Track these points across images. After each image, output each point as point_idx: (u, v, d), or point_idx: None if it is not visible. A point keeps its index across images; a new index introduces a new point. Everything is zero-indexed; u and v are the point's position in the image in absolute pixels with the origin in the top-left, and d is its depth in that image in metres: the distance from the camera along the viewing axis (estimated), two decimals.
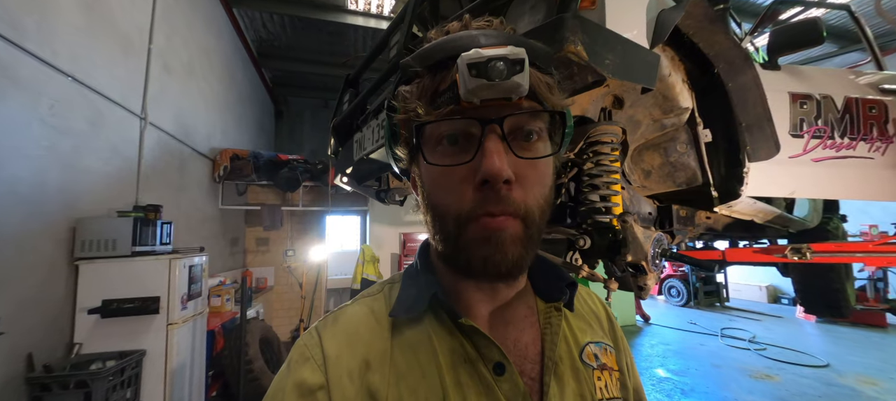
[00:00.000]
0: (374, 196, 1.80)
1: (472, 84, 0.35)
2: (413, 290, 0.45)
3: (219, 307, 3.60)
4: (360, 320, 0.43)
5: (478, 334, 0.40)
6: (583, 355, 0.46)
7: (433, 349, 0.40)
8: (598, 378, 0.45)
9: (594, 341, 0.48)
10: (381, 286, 0.48)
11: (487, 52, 0.35)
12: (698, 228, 2.12)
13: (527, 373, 0.41)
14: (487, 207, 0.37)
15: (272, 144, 7.13)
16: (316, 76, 6.59)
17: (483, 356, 0.40)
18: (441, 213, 0.39)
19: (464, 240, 0.38)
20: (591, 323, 0.51)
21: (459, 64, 0.35)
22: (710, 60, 1.30)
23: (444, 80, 0.39)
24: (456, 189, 0.38)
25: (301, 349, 0.41)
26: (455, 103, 0.37)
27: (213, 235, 4.19)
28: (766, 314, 7.06)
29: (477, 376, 0.39)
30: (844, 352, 4.80)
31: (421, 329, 0.42)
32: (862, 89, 1.74)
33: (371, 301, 0.46)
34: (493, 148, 0.36)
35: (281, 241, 5.58)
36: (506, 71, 0.35)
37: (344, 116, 1.51)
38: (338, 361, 0.39)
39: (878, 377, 3.96)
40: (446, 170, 0.38)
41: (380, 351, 0.41)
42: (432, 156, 0.39)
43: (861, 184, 1.61)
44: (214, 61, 4.30)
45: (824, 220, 2.73)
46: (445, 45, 0.39)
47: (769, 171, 1.54)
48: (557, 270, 0.48)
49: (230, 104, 4.84)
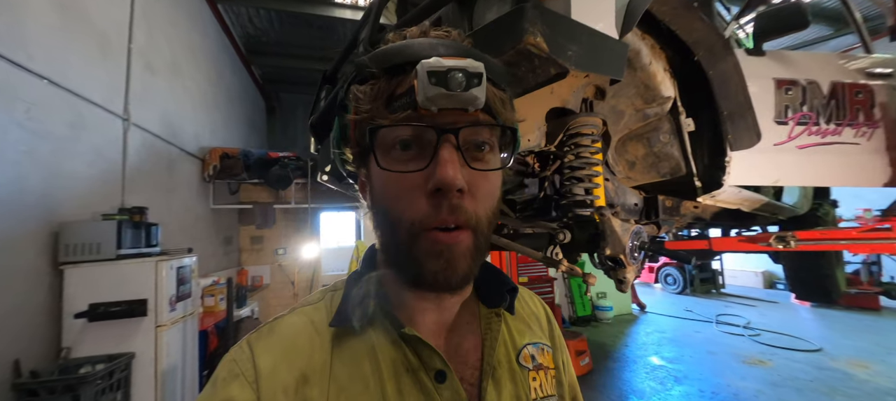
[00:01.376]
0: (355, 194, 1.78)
1: (431, 92, 0.35)
2: (356, 299, 0.43)
3: (213, 307, 3.59)
4: (297, 331, 0.42)
5: (420, 343, 0.40)
6: (520, 358, 0.47)
7: (376, 360, 0.40)
8: (533, 379, 0.47)
9: (532, 342, 0.50)
10: (322, 294, 0.47)
11: (448, 62, 0.35)
12: (686, 218, 2.12)
13: (467, 378, 0.42)
14: (440, 216, 0.37)
15: (265, 142, 7.08)
16: (307, 72, 6.52)
17: (425, 365, 0.40)
18: (392, 220, 0.39)
19: (415, 252, 0.38)
20: (531, 325, 0.53)
21: (419, 70, 0.35)
22: (690, 47, 1.27)
23: (401, 84, 0.38)
24: (408, 196, 0.38)
25: (229, 365, 0.39)
26: (412, 109, 0.37)
27: (205, 234, 4.18)
28: (762, 300, 7.10)
29: (419, 384, 0.40)
30: (838, 336, 4.84)
31: (363, 339, 0.41)
32: (848, 74, 1.72)
33: (311, 311, 0.44)
34: (448, 157, 0.36)
35: (275, 239, 5.57)
36: (465, 82, 0.35)
37: (320, 113, 1.49)
38: (272, 376, 0.38)
39: (870, 360, 3.99)
40: (398, 176, 0.38)
41: (319, 363, 0.39)
42: (385, 160, 0.39)
43: (847, 170, 1.59)
44: (200, 59, 4.24)
45: (815, 206, 2.73)
46: (405, 49, 0.39)
47: (754, 159, 1.53)
48: (500, 276, 0.49)
49: (219, 102, 4.79)
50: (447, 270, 0.37)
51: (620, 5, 0.89)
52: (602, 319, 5.91)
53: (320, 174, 1.66)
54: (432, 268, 0.37)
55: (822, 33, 6.15)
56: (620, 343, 4.96)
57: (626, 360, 4.34)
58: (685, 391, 3.48)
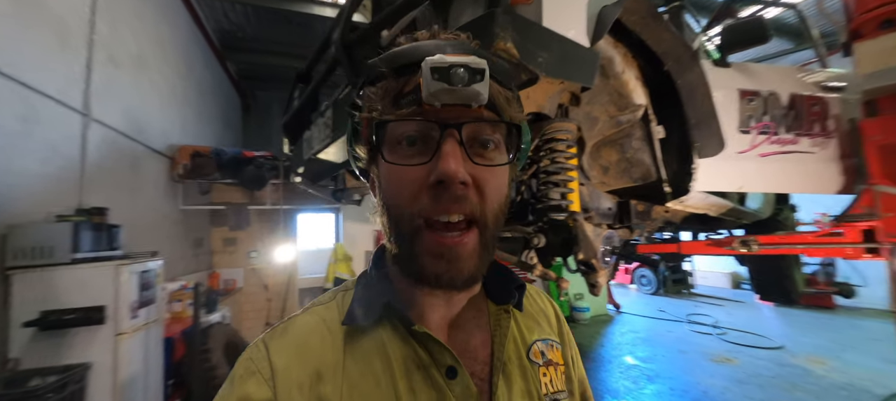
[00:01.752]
0: (331, 196, 1.74)
1: (434, 87, 0.36)
2: (366, 297, 0.45)
3: (180, 313, 3.42)
4: (310, 330, 0.43)
5: (431, 339, 0.41)
6: (530, 354, 0.48)
7: (387, 357, 0.41)
8: (543, 374, 0.47)
9: (541, 339, 0.50)
10: (334, 294, 0.48)
11: (451, 59, 0.36)
12: (657, 222, 2.18)
13: (477, 374, 0.43)
14: (441, 206, 0.38)
15: (240, 140, 6.86)
16: (285, 69, 6.34)
17: (436, 361, 0.41)
18: (396, 214, 0.40)
19: (416, 249, 0.39)
20: (540, 321, 0.53)
21: (423, 67, 0.37)
22: (660, 57, 1.31)
23: (407, 83, 0.40)
24: (411, 189, 0.39)
25: (246, 363, 0.40)
26: (417, 105, 0.38)
27: (174, 236, 3.99)
28: (729, 300, 7.44)
29: (430, 380, 0.41)
30: (797, 333, 5.11)
31: (374, 337, 0.42)
32: (806, 86, 1.81)
33: (323, 310, 0.46)
34: (450, 151, 0.37)
35: (249, 241, 5.38)
36: (467, 78, 0.36)
37: (293, 114, 1.45)
38: (286, 373, 0.39)
39: (827, 357, 4.23)
40: (403, 170, 0.39)
41: (332, 361, 0.41)
42: (391, 155, 0.40)
43: (803, 178, 1.68)
44: (170, 53, 4.06)
45: (776, 210, 2.87)
46: (412, 50, 0.40)
47: (719, 166, 1.59)
48: (508, 273, 0.50)
49: (190, 99, 4.60)
50: (451, 272, 0.38)
51: (592, 14, 0.90)
52: (579, 319, 6.03)
53: (293, 175, 1.61)
54: (434, 269, 0.39)
55: (783, 47, 6.52)
56: (596, 343, 5.07)
57: (601, 360, 4.43)
58: (657, 390, 3.59)
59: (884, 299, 6.09)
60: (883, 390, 3.32)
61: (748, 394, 3.40)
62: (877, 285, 6.00)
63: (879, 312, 6.00)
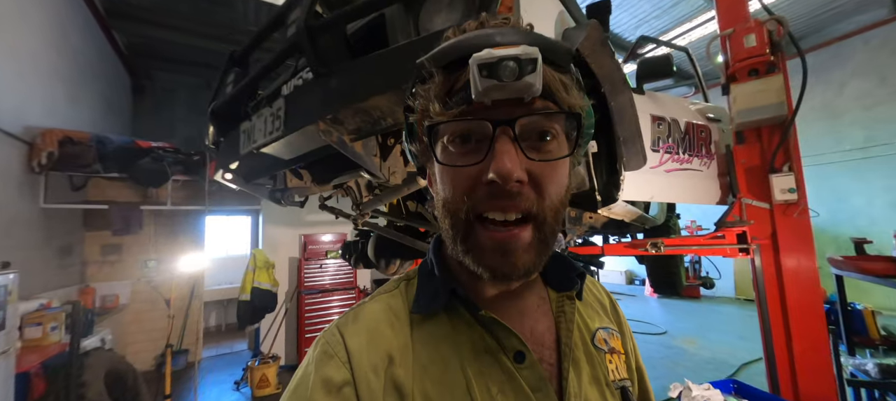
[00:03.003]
0: (268, 196, 1.55)
1: (483, 85, 0.35)
2: (430, 286, 0.45)
3: (39, 340, 2.70)
4: (379, 317, 0.44)
5: (497, 324, 0.41)
6: (595, 341, 0.48)
7: (454, 342, 0.42)
8: (609, 362, 0.48)
9: (603, 327, 0.51)
10: (397, 283, 0.48)
11: (499, 52, 0.35)
12: (584, 227, 2.42)
13: (545, 360, 0.43)
14: (497, 203, 0.37)
15: (128, 127, 5.74)
16: (193, 49, 5.50)
17: (503, 346, 0.41)
18: (452, 210, 0.40)
19: (471, 242, 0.39)
20: (598, 310, 0.54)
21: (471, 65, 0.35)
22: (599, 80, 1.46)
23: (457, 80, 0.39)
24: (465, 187, 0.38)
25: (323, 346, 0.41)
26: (467, 103, 0.37)
27: (30, 243, 3.15)
28: (626, 293, 8.62)
29: (498, 364, 0.41)
30: (675, 320, 6.16)
31: (440, 324, 0.43)
32: (695, 116, 2.21)
33: (388, 298, 0.46)
34: (503, 149, 0.37)
35: (139, 247, 4.52)
36: (517, 71, 0.35)
37: (227, 100, 1.26)
38: (361, 356, 0.40)
39: (697, 338, 5.17)
40: (458, 169, 0.39)
41: (401, 346, 0.41)
42: (444, 155, 0.40)
43: (695, 191, 2.04)
44: (32, 11, 3.23)
45: (667, 218, 3.42)
46: (460, 44, 0.39)
47: (636, 179, 1.83)
48: (567, 262, 0.50)
49: (60, 72, 3.71)
50: (506, 265, 0.38)
51: (557, 33, 0.97)
52: None
53: (223, 172, 1.40)
54: (490, 262, 0.38)
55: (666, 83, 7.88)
56: None
57: None
58: None
59: (732, 289, 7.72)
60: (737, 360, 4.19)
61: None
62: (727, 279, 7.56)
63: (729, 299, 7.56)
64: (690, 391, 1.65)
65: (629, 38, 6.13)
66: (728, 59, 2.01)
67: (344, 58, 0.90)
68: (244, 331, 5.20)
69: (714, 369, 4.04)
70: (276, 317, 4.52)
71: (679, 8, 5.44)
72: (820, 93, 6.24)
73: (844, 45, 6.10)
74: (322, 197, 1.89)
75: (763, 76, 1.87)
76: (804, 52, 1.89)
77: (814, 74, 5.10)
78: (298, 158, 1.19)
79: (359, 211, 1.63)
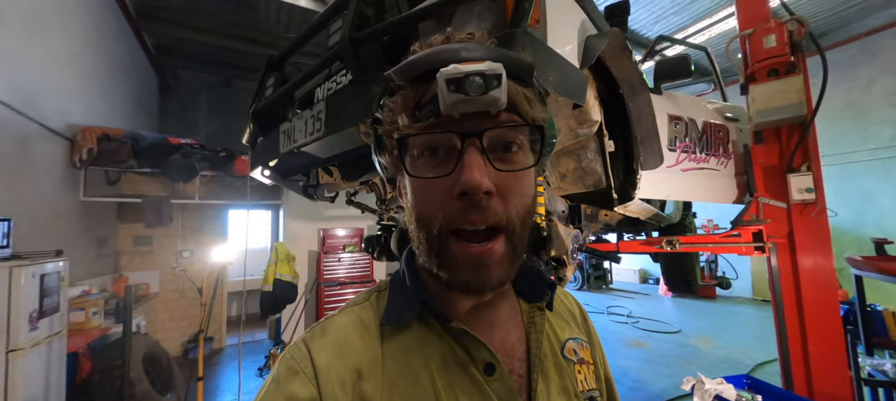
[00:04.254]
0: (301, 192, 1.66)
1: (451, 99, 0.36)
2: (401, 297, 0.45)
3: (82, 323, 2.91)
4: (349, 330, 0.43)
5: (468, 336, 0.42)
6: (564, 351, 0.49)
7: (424, 355, 0.41)
8: (578, 372, 0.48)
9: (572, 338, 0.51)
10: (368, 295, 0.48)
11: (465, 68, 0.36)
12: (599, 224, 2.47)
13: (515, 371, 0.44)
14: (468, 217, 0.37)
15: (156, 125, 5.99)
16: (217, 49, 5.70)
17: (473, 358, 0.42)
18: (424, 223, 0.40)
19: (445, 257, 0.39)
20: (569, 321, 0.54)
21: (438, 79, 0.36)
22: (618, 82, 1.51)
23: (425, 93, 0.39)
24: (437, 200, 0.39)
25: (288, 362, 0.40)
26: (436, 116, 0.38)
27: (73, 234, 3.37)
28: (639, 293, 8.56)
29: (468, 377, 0.41)
30: (690, 319, 6.11)
31: (411, 335, 0.43)
32: (713, 115, 2.22)
33: (358, 310, 0.46)
34: (472, 161, 0.37)
35: (169, 239, 4.75)
36: (483, 86, 0.36)
37: (268, 103, 1.36)
38: (328, 372, 0.39)
39: (712, 337, 5.13)
40: (427, 181, 0.39)
41: (371, 359, 0.41)
42: (414, 168, 0.40)
43: (713, 190, 2.06)
44: (73, 15, 3.42)
45: (683, 216, 3.42)
46: (427, 58, 0.39)
47: (652, 177, 1.87)
48: (538, 273, 0.51)
49: (97, 72, 3.92)
50: (480, 279, 0.39)
51: (580, 41, 1.03)
52: None
53: (261, 170, 1.50)
54: (464, 276, 0.39)
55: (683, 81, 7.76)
56: None
57: None
58: None
59: (749, 290, 7.59)
60: (752, 360, 4.16)
61: (658, 371, 3.99)
62: (744, 279, 7.44)
63: (746, 299, 7.44)
64: (703, 385, 1.69)
65: (647, 35, 6.06)
66: (747, 58, 2.02)
67: (382, 66, 0.98)
68: (265, 321, 5.40)
69: (728, 369, 4.02)
70: (297, 307, 4.69)
71: (698, 4, 5.36)
72: (845, 90, 6.06)
73: (872, 41, 5.89)
74: (349, 193, 1.99)
75: (783, 77, 1.88)
76: (829, 48, 1.90)
77: (839, 71, 4.99)
78: (334, 157, 1.28)
79: (384, 206, 1.72)
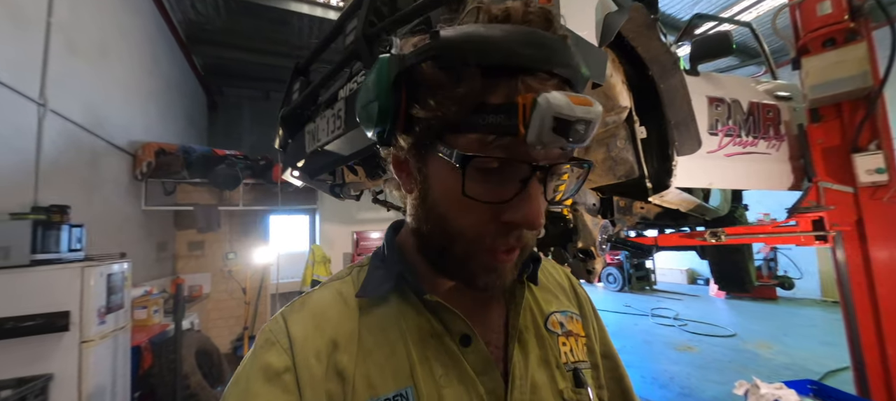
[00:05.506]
0: (328, 191, 1.72)
1: (549, 138, 0.30)
2: (380, 272, 0.44)
3: (145, 320, 3.20)
4: (327, 304, 0.43)
5: (444, 308, 0.41)
6: (548, 324, 0.47)
7: (400, 328, 0.41)
8: (563, 344, 0.47)
9: (560, 311, 0.50)
10: (350, 270, 0.48)
11: (579, 111, 0.30)
12: (634, 217, 2.34)
13: (492, 343, 0.43)
14: (508, 241, 0.37)
15: (205, 139, 6.49)
16: (256, 66, 6.10)
17: (449, 330, 0.41)
18: (452, 230, 0.37)
19: (470, 264, 0.38)
20: (557, 294, 0.52)
21: (544, 112, 0.30)
22: (646, 63, 1.43)
23: (495, 91, 0.32)
24: (478, 219, 0.36)
25: (266, 335, 0.41)
26: (512, 135, 0.32)
27: (135, 239, 3.72)
28: (687, 294, 7.99)
29: (443, 348, 0.40)
30: (747, 322, 5.60)
31: (388, 309, 0.42)
32: (761, 95, 2.03)
33: (339, 285, 0.45)
34: (536, 195, 0.35)
35: (218, 244, 5.12)
36: (584, 136, 0.32)
37: (294, 106, 1.43)
38: (304, 343, 0.39)
39: (772, 342, 4.67)
40: (471, 199, 0.35)
41: (348, 332, 0.40)
42: (470, 185, 0.34)
43: (761, 176, 1.88)
44: (134, 43, 3.80)
45: (732, 208, 3.16)
46: (507, 49, 0.32)
47: (691, 165, 1.74)
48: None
49: (154, 93, 4.32)
50: (495, 281, 0.39)
51: (598, 19, 0.98)
52: None
53: (290, 170, 1.58)
54: (484, 281, 0.38)
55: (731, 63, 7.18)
56: None
57: None
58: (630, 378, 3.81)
59: (816, 291, 6.84)
60: (821, 368, 3.73)
61: (708, 377, 3.69)
62: (810, 278, 6.72)
63: (813, 301, 6.71)
64: (758, 389, 1.54)
65: (685, 18, 5.69)
66: (798, 29, 1.83)
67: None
68: None
69: (792, 376, 3.63)
70: None
71: None
72: None
73: None
74: (374, 192, 2.03)
75: (841, 46, 1.69)
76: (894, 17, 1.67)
77: None
78: (356, 153, 1.32)
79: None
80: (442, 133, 0.35)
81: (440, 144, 0.35)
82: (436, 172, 0.38)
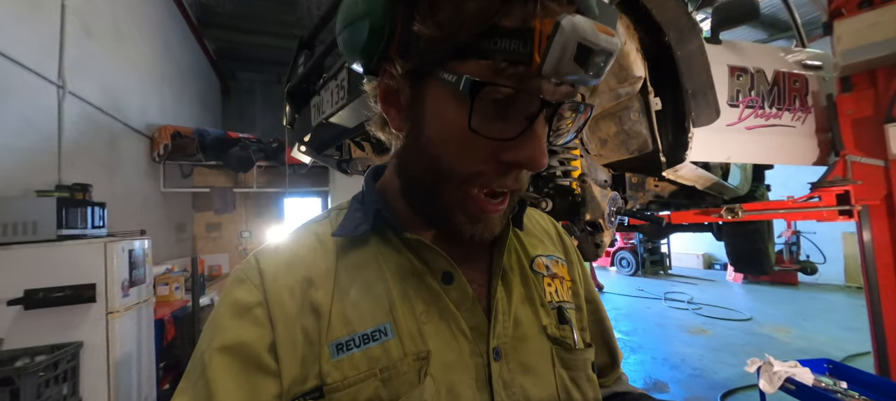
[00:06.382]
0: (335, 166, 1.73)
1: (568, 67, 0.28)
2: (360, 213, 0.43)
3: (167, 296, 3.34)
4: (301, 244, 0.42)
5: (425, 247, 0.39)
6: (534, 266, 0.47)
7: (380, 267, 0.40)
8: (548, 284, 0.46)
9: (546, 255, 0.49)
10: (328, 212, 0.47)
11: (603, 40, 0.28)
12: (648, 195, 2.28)
13: (476, 281, 0.41)
14: (505, 182, 0.35)
15: (219, 123, 6.60)
16: (267, 49, 6.12)
17: (430, 268, 0.40)
18: (442, 170, 0.35)
19: (455, 211, 0.37)
20: (543, 239, 0.51)
21: (567, 33, 0.27)
22: (662, 28, 1.36)
23: (509, 13, 0.29)
24: (477, 156, 0.34)
25: (237, 273, 0.40)
26: (524, 64, 0.29)
27: (156, 220, 3.85)
28: (702, 278, 7.85)
29: (424, 286, 0.39)
30: (764, 307, 5.48)
31: (367, 249, 0.41)
32: (788, 64, 1.92)
33: (316, 226, 0.44)
34: (542, 134, 0.33)
35: (234, 225, 5.26)
36: (602, 70, 0.30)
37: (299, 80, 1.42)
38: (276, 278, 0.38)
39: (790, 326, 4.57)
40: (472, 132, 0.31)
41: (324, 271, 0.39)
42: (476, 119, 0.31)
43: (785, 150, 1.80)
44: (145, 27, 3.84)
45: (753, 188, 3.04)
46: None
47: (709, 138, 1.67)
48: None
49: (167, 76, 4.39)
50: (484, 232, 0.38)
51: None
52: None
53: (297, 146, 1.59)
54: (470, 230, 0.37)
55: (758, 37, 6.81)
56: None
57: None
58: (640, 359, 3.79)
59: (841, 276, 6.61)
60: (841, 352, 3.63)
61: (722, 359, 3.64)
62: (834, 263, 6.48)
63: (836, 286, 6.50)
64: (771, 366, 1.51)
65: None
66: None
67: None
68: None
69: None
70: None
71: None
72: None
73: None
74: None
75: (878, 6, 1.56)
76: None
77: None
78: (360, 125, 1.31)
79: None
80: (444, 59, 0.32)
81: (442, 70, 0.32)
82: (433, 104, 0.34)
